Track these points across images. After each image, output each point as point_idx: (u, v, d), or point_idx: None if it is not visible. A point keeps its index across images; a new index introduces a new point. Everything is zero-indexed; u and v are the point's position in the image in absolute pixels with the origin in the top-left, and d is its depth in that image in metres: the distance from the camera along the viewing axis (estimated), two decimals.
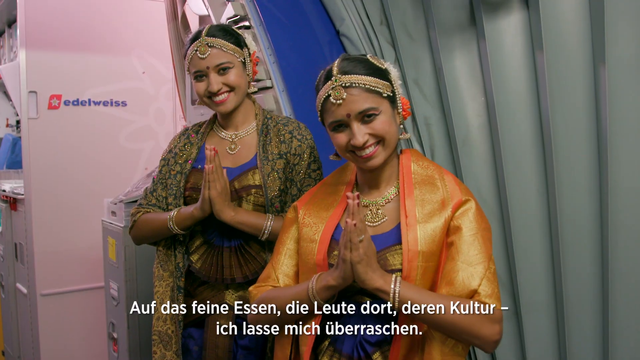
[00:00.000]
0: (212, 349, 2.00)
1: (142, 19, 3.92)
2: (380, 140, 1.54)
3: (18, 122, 5.02)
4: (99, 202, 3.23)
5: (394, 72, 1.60)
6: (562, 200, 1.91)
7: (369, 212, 1.62)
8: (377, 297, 1.53)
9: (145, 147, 3.97)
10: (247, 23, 2.43)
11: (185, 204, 2.03)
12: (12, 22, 4.63)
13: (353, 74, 1.52)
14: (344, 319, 1.59)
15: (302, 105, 2.30)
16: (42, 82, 3.66)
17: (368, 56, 1.60)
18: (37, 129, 3.65)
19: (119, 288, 2.86)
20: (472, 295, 1.44)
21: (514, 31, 2.00)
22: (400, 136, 1.59)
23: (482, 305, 1.43)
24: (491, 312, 1.43)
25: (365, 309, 1.56)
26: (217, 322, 2.00)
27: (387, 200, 1.62)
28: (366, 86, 1.51)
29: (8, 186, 4.27)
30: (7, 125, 5.29)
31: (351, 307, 1.58)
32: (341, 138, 1.55)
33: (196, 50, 1.95)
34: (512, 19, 1.99)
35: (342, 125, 1.55)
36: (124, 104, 3.90)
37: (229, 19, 2.50)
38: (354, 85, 1.51)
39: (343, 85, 1.51)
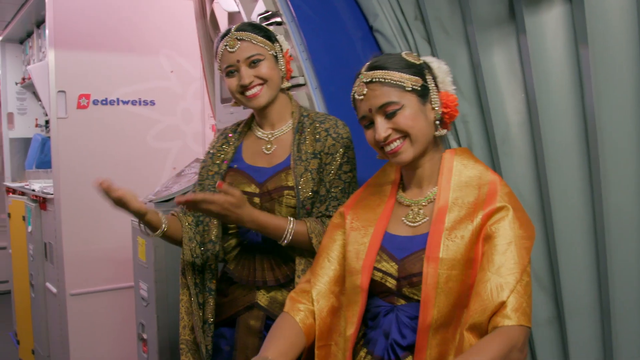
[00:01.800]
0: (242, 349, 1.98)
1: (170, 17, 3.91)
2: (405, 135, 1.52)
3: (47, 122, 5.04)
4: None
5: (437, 68, 1.58)
6: (608, 200, 1.83)
7: (410, 211, 1.59)
8: (412, 299, 1.50)
9: (173, 147, 3.96)
10: (278, 19, 2.39)
11: None
12: (40, 23, 4.66)
13: (377, 70, 1.54)
14: (377, 320, 1.57)
15: (335, 102, 2.25)
16: (71, 81, 3.67)
17: (403, 53, 1.58)
18: (66, 128, 3.66)
19: (149, 289, 2.84)
20: (500, 307, 1.38)
21: (556, 25, 1.92)
22: (436, 132, 1.55)
23: (506, 333, 1.36)
24: (515, 334, 1.35)
25: (399, 310, 1.53)
26: (248, 323, 1.97)
27: (429, 201, 1.58)
28: (386, 80, 1.51)
29: (37, 186, 4.29)
30: (36, 125, 5.32)
31: (386, 307, 1.56)
32: (369, 134, 1.57)
33: (226, 45, 1.94)
34: (554, 11, 1.92)
35: (370, 121, 1.56)
36: (152, 103, 3.89)
37: (260, 15, 2.46)
38: (373, 80, 1.53)
39: (365, 81, 1.54)
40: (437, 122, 1.56)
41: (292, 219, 1.88)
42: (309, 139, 1.95)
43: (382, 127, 1.52)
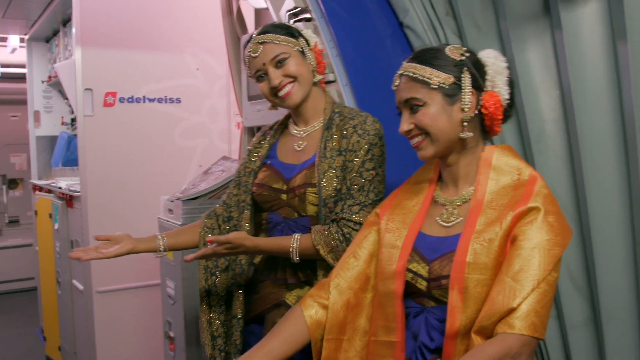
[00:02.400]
0: None
1: (196, 15, 3.89)
2: (425, 132, 1.52)
3: (73, 120, 5.07)
4: (154, 199, 3.22)
5: (492, 64, 1.52)
6: None
7: (445, 210, 1.55)
8: (442, 302, 1.47)
9: (199, 145, 3.95)
10: (307, 15, 2.36)
11: (253, 200, 2.02)
12: (66, 21, 4.68)
13: (412, 62, 1.54)
14: (407, 321, 1.55)
15: (366, 99, 2.22)
16: (97, 79, 3.66)
17: (447, 48, 1.54)
18: (92, 126, 3.65)
19: (176, 287, 2.83)
20: (507, 314, 1.33)
21: (592, 20, 1.88)
22: (460, 134, 1.51)
23: (503, 340, 1.31)
24: (513, 342, 1.30)
25: (428, 312, 1.51)
26: (275, 321, 1.96)
27: (464, 201, 1.54)
28: (413, 75, 1.51)
29: (64, 183, 4.31)
30: (62, 123, 5.35)
31: (416, 308, 1.54)
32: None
33: (250, 52, 1.94)
34: (591, 6, 1.87)
35: (401, 112, 1.57)
36: (178, 100, 3.88)
37: (288, 11, 2.43)
38: (404, 73, 1.54)
39: (400, 72, 1.56)
40: (465, 124, 1.51)
41: (297, 236, 1.86)
42: (336, 135, 1.92)
43: (405, 122, 1.54)
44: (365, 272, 1.64)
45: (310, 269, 1.91)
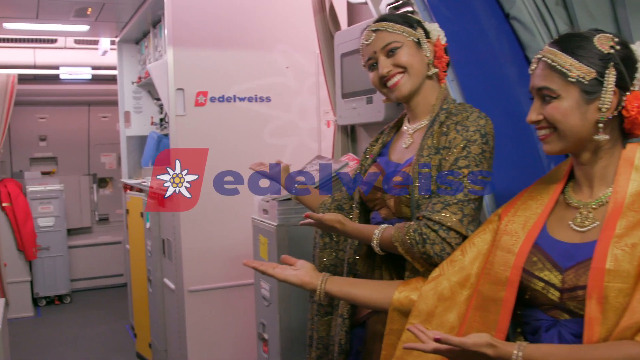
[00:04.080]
0: (369, 353, 1.91)
1: (286, 12, 3.86)
2: (553, 127, 1.40)
3: (162, 119, 5.15)
4: (246, 198, 3.18)
5: None
6: None
7: (579, 214, 1.43)
8: (578, 314, 1.34)
9: (289, 143, 3.91)
10: (409, 8, 2.27)
11: (360, 197, 1.98)
12: (156, 23, 4.74)
13: (552, 47, 1.42)
14: (538, 336, 1.43)
15: (472, 94, 2.10)
16: (188, 79, 3.68)
17: (596, 37, 1.39)
18: (184, 125, 3.68)
19: (271, 289, 2.80)
20: None
21: None
22: (595, 137, 1.38)
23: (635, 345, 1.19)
24: None
25: (562, 326, 1.39)
26: (375, 327, 1.89)
27: (600, 204, 1.41)
28: (551, 63, 1.39)
29: (155, 183, 4.36)
30: (152, 124, 5.44)
31: (548, 321, 1.42)
32: None
33: (363, 39, 1.88)
34: None
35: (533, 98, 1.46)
36: (268, 99, 3.85)
37: (389, 5, 2.35)
38: (542, 58, 1.42)
39: (538, 57, 1.44)
40: (600, 125, 1.38)
41: (383, 226, 1.77)
42: (436, 132, 1.80)
43: (534, 111, 1.43)
44: (467, 269, 1.56)
45: (404, 269, 1.82)
